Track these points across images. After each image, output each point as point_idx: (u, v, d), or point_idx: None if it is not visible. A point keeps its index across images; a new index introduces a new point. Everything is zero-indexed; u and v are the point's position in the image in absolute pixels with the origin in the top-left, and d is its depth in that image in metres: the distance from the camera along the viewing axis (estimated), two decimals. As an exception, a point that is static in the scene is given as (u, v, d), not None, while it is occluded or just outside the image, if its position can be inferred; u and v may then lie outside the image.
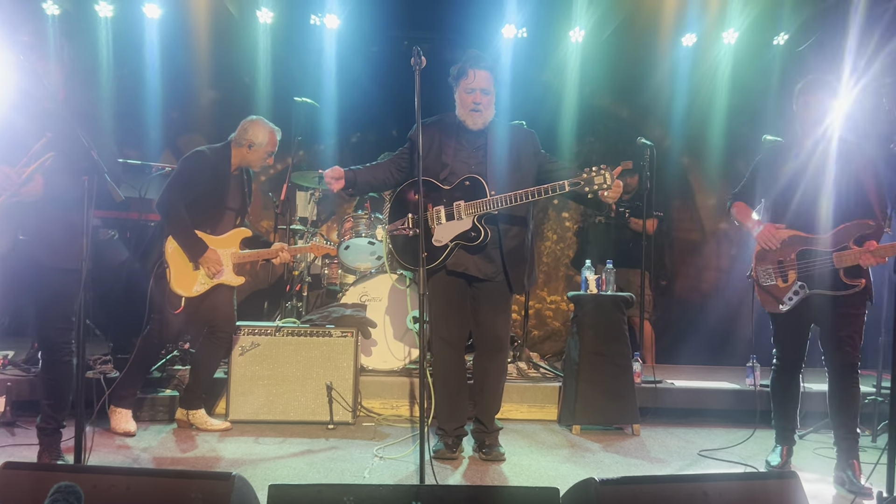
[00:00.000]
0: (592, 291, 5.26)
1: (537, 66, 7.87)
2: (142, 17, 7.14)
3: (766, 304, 4.26)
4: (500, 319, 4.32)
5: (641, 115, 7.97)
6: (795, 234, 4.13)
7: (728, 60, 7.67)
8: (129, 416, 4.64)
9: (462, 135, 4.23)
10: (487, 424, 4.37)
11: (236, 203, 4.82)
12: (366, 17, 7.35)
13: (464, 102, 4.18)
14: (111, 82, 7.14)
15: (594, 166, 3.88)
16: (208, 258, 4.61)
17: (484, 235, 4.08)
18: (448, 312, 4.29)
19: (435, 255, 4.14)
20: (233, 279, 4.76)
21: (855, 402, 4.10)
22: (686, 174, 8.15)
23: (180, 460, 4.11)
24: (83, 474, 2.59)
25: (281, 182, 6.44)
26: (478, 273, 4.19)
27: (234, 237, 4.78)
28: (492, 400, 4.39)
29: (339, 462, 4.15)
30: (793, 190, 4.16)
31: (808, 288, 4.07)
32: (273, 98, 7.31)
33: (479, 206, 4.06)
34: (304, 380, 5.02)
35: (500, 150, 4.20)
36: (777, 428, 4.42)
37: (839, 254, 3.96)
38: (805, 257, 4.08)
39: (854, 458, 4.05)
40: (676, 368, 6.54)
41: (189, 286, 4.62)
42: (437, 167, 4.20)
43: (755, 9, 7.22)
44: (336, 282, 6.44)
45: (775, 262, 4.19)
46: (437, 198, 4.17)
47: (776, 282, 4.19)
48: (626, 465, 4.34)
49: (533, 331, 7.84)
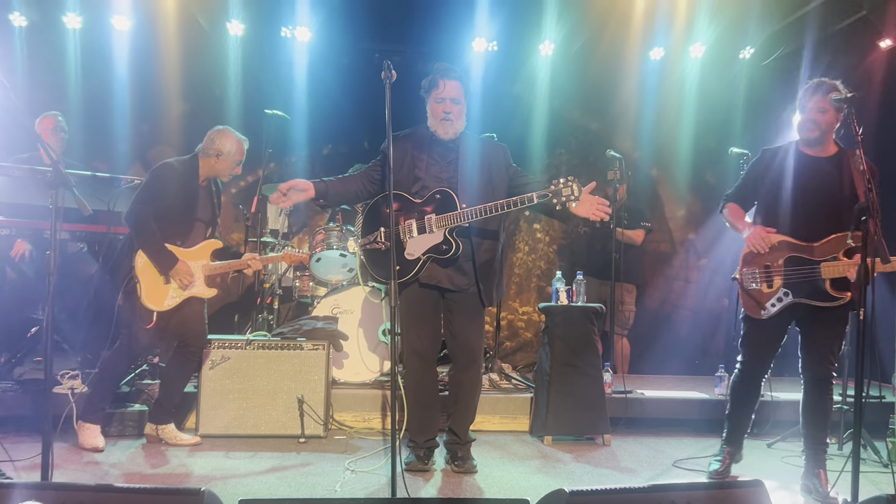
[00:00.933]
0: (563, 303, 5.30)
1: (508, 79, 7.93)
2: (110, 28, 7.08)
3: (748, 307, 4.20)
4: (474, 331, 4.32)
5: (611, 128, 8.06)
6: (785, 239, 4.08)
7: (695, 74, 7.79)
8: (97, 431, 4.58)
9: (434, 148, 4.25)
10: (461, 436, 4.37)
11: (206, 215, 4.80)
12: (337, 30, 7.36)
13: (434, 112, 4.21)
14: (79, 94, 7.07)
15: (562, 178, 3.91)
16: (179, 270, 4.57)
17: (455, 248, 4.09)
18: (420, 324, 4.29)
19: (407, 269, 4.14)
20: (205, 291, 4.73)
21: (828, 414, 4.13)
22: (655, 186, 8.24)
23: (149, 476, 4.07)
24: (50, 491, 2.55)
25: (252, 194, 6.42)
26: (450, 285, 4.20)
27: (205, 249, 4.75)
28: (466, 411, 4.39)
29: (311, 476, 4.13)
30: (787, 196, 4.11)
31: (793, 296, 4.04)
32: (244, 110, 7.28)
33: (450, 219, 4.07)
34: (275, 393, 4.99)
35: (472, 164, 4.22)
36: (729, 430, 4.38)
37: (827, 264, 3.95)
38: (793, 264, 4.04)
39: (821, 467, 4.09)
40: (647, 379, 6.59)
41: (160, 300, 4.58)
42: (409, 181, 4.21)
43: (721, 23, 7.33)
44: (307, 294, 6.42)
45: (762, 266, 4.14)
46: (408, 211, 4.18)
47: (761, 286, 4.13)
48: (597, 476, 4.37)
49: (505, 342, 7.87)
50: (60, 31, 7.04)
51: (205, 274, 4.71)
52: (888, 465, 4.42)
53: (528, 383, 5.85)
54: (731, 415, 4.37)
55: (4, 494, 2.54)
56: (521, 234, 8.18)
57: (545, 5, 7.15)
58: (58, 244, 3.36)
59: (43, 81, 6.97)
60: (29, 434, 4.68)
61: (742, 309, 4.26)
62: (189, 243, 4.70)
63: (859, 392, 3.52)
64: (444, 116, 4.17)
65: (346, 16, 7.22)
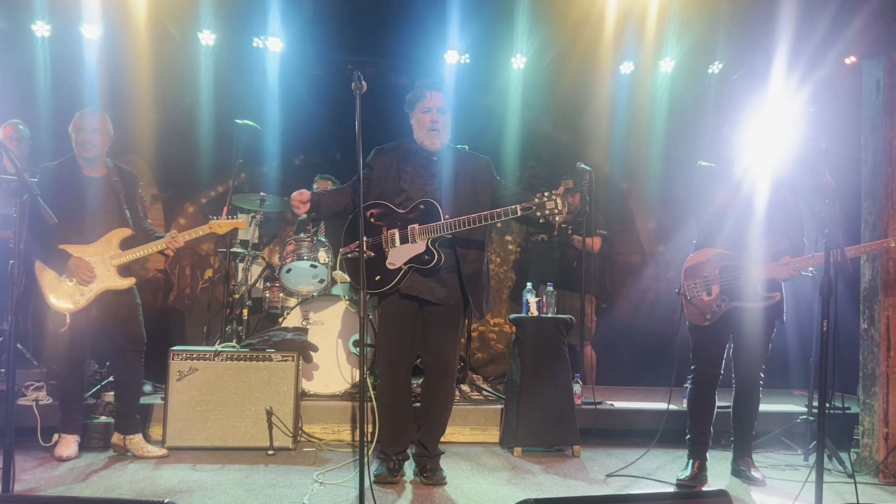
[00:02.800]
0: (533, 314, 5.32)
1: (480, 91, 7.97)
2: (80, 37, 6.99)
3: (693, 317, 4.54)
4: (451, 345, 4.34)
5: (581, 141, 8.11)
6: (718, 251, 4.47)
7: (665, 88, 7.86)
8: (70, 441, 4.61)
9: (418, 160, 4.29)
10: (430, 449, 4.37)
11: (106, 205, 4.66)
12: (309, 41, 7.35)
13: (421, 123, 4.24)
14: (49, 103, 6.98)
15: (546, 192, 3.96)
16: (71, 267, 4.49)
17: (437, 259, 4.11)
18: (398, 336, 4.30)
19: (389, 278, 4.17)
20: (118, 282, 4.61)
21: (755, 412, 4.58)
22: (626, 199, 8.31)
23: (113, 488, 4.01)
24: (10, 504, 2.52)
25: (222, 204, 6.37)
26: (431, 297, 4.22)
27: (110, 239, 4.62)
28: (437, 425, 4.40)
29: (279, 488, 4.10)
30: (722, 213, 4.49)
31: (730, 299, 4.41)
32: (215, 120, 7.25)
33: (433, 229, 4.10)
34: (243, 405, 4.95)
35: (456, 176, 4.27)
36: (691, 442, 4.59)
37: (755, 268, 4.35)
38: (727, 272, 4.42)
39: (748, 455, 4.61)
40: (616, 390, 6.63)
41: (69, 300, 4.51)
42: (394, 192, 4.25)
43: (690, 38, 7.42)
44: (277, 305, 6.38)
45: (701, 276, 4.50)
46: (392, 221, 4.21)
47: (701, 295, 4.48)
48: (566, 487, 4.38)
49: (476, 353, 7.88)
50: (29, 39, 6.95)
51: (114, 264, 4.60)
52: (852, 476, 4.48)
53: (499, 395, 5.85)
54: (693, 426, 4.60)
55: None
56: (493, 246, 8.20)
57: (517, 19, 7.18)
58: (22, 254, 3.33)
59: (11, 89, 6.88)
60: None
61: (687, 320, 4.60)
62: (87, 238, 4.59)
63: (823, 403, 3.58)
64: (432, 127, 4.22)
65: (319, 27, 7.22)
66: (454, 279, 4.26)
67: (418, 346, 4.39)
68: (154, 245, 4.67)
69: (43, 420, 4.78)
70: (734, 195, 4.47)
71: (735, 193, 4.48)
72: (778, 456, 5.28)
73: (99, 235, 4.62)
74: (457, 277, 4.26)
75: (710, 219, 4.56)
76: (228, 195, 6.25)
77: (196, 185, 7.64)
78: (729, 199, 4.48)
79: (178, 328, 7.48)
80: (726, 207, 4.48)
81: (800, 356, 6.92)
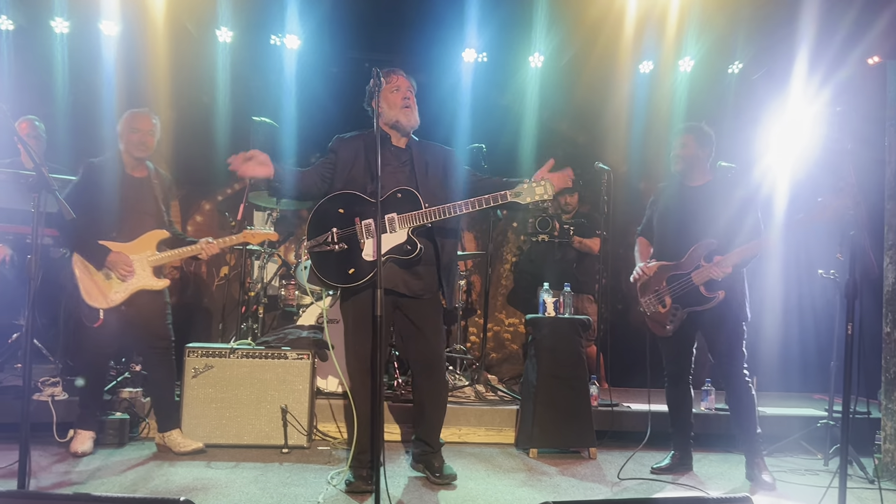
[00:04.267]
0: (550, 314, 5.27)
1: (497, 90, 7.93)
2: (98, 33, 7.02)
3: (656, 329, 4.74)
4: (435, 337, 4.19)
5: (599, 141, 8.04)
6: (662, 264, 4.68)
7: (684, 88, 7.80)
8: (86, 437, 4.61)
9: (387, 148, 4.08)
10: (433, 444, 4.28)
11: (146, 206, 4.70)
12: (326, 38, 7.34)
13: (393, 103, 4.07)
14: (66, 99, 7.01)
15: (533, 178, 3.95)
16: (112, 261, 4.51)
17: (419, 249, 3.98)
18: (370, 334, 3.95)
19: (365, 271, 3.93)
20: (153, 283, 4.63)
21: (750, 410, 4.53)
22: (642, 199, 8.21)
23: (128, 486, 4.01)
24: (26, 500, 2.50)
25: (238, 201, 6.37)
26: (406, 290, 4.06)
27: (148, 240, 4.65)
28: (435, 419, 4.28)
29: (293, 487, 4.08)
30: (662, 224, 4.79)
31: (683, 307, 4.58)
32: (232, 117, 7.25)
33: (415, 217, 3.96)
34: (258, 403, 4.94)
35: (427, 165, 4.15)
36: (673, 435, 4.83)
37: (695, 273, 4.51)
38: (673, 281, 4.61)
39: (758, 457, 4.52)
40: (633, 392, 6.57)
41: (104, 296, 4.52)
42: (364, 180, 4.06)
43: (710, 38, 7.36)
44: (293, 303, 6.37)
45: (653, 291, 4.70)
46: (364, 211, 3.99)
47: (657, 308, 4.68)
48: (583, 489, 4.33)
49: (491, 353, 7.84)
50: (47, 35, 6.97)
51: (151, 265, 4.63)
52: (874, 482, 4.41)
53: (514, 395, 5.82)
54: (672, 422, 4.85)
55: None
56: (509, 246, 8.17)
57: (535, 17, 7.15)
58: (40, 249, 3.32)
59: (29, 85, 6.90)
60: (7, 441, 4.62)
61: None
62: (126, 236, 4.62)
63: (847, 407, 3.52)
64: (405, 103, 4.08)
65: (336, 24, 7.20)
66: (431, 271, 4.11)
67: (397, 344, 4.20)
68: (189, 249, 4.70)
69: (58, 416, 4.78)
70: (671, 206, 4.74)
71: (673, 204, 4.74)
72: (797, 460, 5.21)
73: (137, 235, 4.64)
74: (434, 269, 4.12)
75: (655, 230, 4.84)
76: (245, 193, 6.24)
77: (212, 183, 7.64)
78: (666, 211, 4.76)
79: (193, 325, 7.47)
80: (664, 218, 4.76)
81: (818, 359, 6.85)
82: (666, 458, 4.78)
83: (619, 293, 7.78)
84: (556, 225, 6.54)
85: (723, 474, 4.77)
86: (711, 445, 5.38)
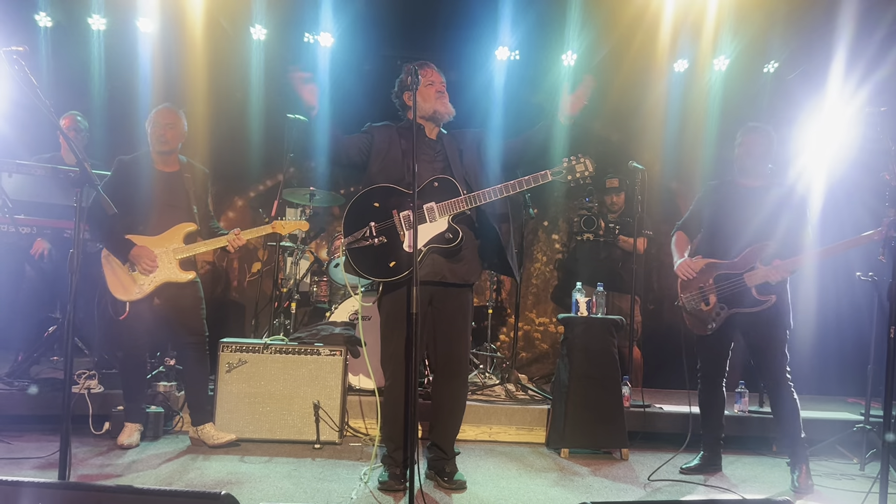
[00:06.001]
0: (583, 314, 5.25)
1: (530, 88, 7.89)
2: (135, 30, 7.10)
3: (695, 327, 4.71)
4: (460, 339, 4.13)
5: (632, 140, 7.99)
6: (710, 261, 4.63)
7: (719, 87, 7.72)
8: (133, 429, 4.68)
9: (420, 139, 4.04)
10: (447, 451, 4.18)
11: (175, 199, 4.74)
12: (360, 36, 7.35)
13: (427, 96, 4.07)
14: (103, 95, 7.09)
15: (572, 156, 4.00)
16: (136, 255, 4.56)
17: (460, 237, 3.94)
18: (403, 331, 3.95)
19: (407, 263, 3.86)
20: (179, 275, 4.67)
21: (793, 414, 4.47)
22: (675, 199, 8.18)
23: (164, 478, 4.04)
24: (68, 491, 2.53)
25: (272, 198, 6.41)
26: (452, 279, 4.02)
27: (175, 233, 4.69)
28: (451, 426, 4.22)
29: (326, 482, 4.10)
30: (714, 222, 4.72)
31: (729, 307, 4.55)
32: (265, 114, 7.30)
33: (454, 205, 3.93)
34: (291, 398, 4.97)
35: (461, 152, 4.12)
36: (704, 436, 4.81)
37: (748, 274, 4.48)
38: (722, 280, 4.57)
39: (804, 462, 4.46)
40: (665, 393, 6.52)
41: (129, 290, 4.58)
42: (399, 171, 4.02)
43: (746, 37, 7.28)
44: (325, 299, 6.40)
45: (697, 288, 4.67)
46: (402, 203, 3.96)
47: (700, 306, 4.65)
48: (616, 490, 4.31)
49: (521, 353, 7.82)
50: (85, 32, 7.07)
51: (177, 258, 4.67)
52: (913, 487, 4.34)
53: (545, 395, 5.80)
54: (704, 423, 4.82)
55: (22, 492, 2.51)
56: (539, 245, 8.14)
57: (568, 15, 7.11)
58: (81, 243, 3.36)
59: (67, 81, 6.99)
60: (44, 433, 4.70)
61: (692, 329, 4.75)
62: (154, 230, 4.67)
63: (889, 412, 3.48)
64: (439, 95, 4.10)
65: (370, 22, 7.22)
66: (474, 254, 4.09)
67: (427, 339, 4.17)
68: (216, 241, 4.76)
69: (94, 408, 4.85)
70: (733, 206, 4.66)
71: (734, 205, 4.66)
72: (833, 464, 5.14)
73: (164, 228, 4.70)
74: (476, 252, 4.10)
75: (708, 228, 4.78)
76: (279, 189, 6.28)
77: (245, 179, 7.70)
78: (727, 211, 4.67)
79: (225, 320, 7.53)
80: (723, 219, 4.67)
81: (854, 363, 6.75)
82: (695, 459, 4.78)
83: (650, 293, 7.75)
84: (601, 224, 6.51)
85: (756, 477, 4.73)
86: (745, 448, 5.34)
